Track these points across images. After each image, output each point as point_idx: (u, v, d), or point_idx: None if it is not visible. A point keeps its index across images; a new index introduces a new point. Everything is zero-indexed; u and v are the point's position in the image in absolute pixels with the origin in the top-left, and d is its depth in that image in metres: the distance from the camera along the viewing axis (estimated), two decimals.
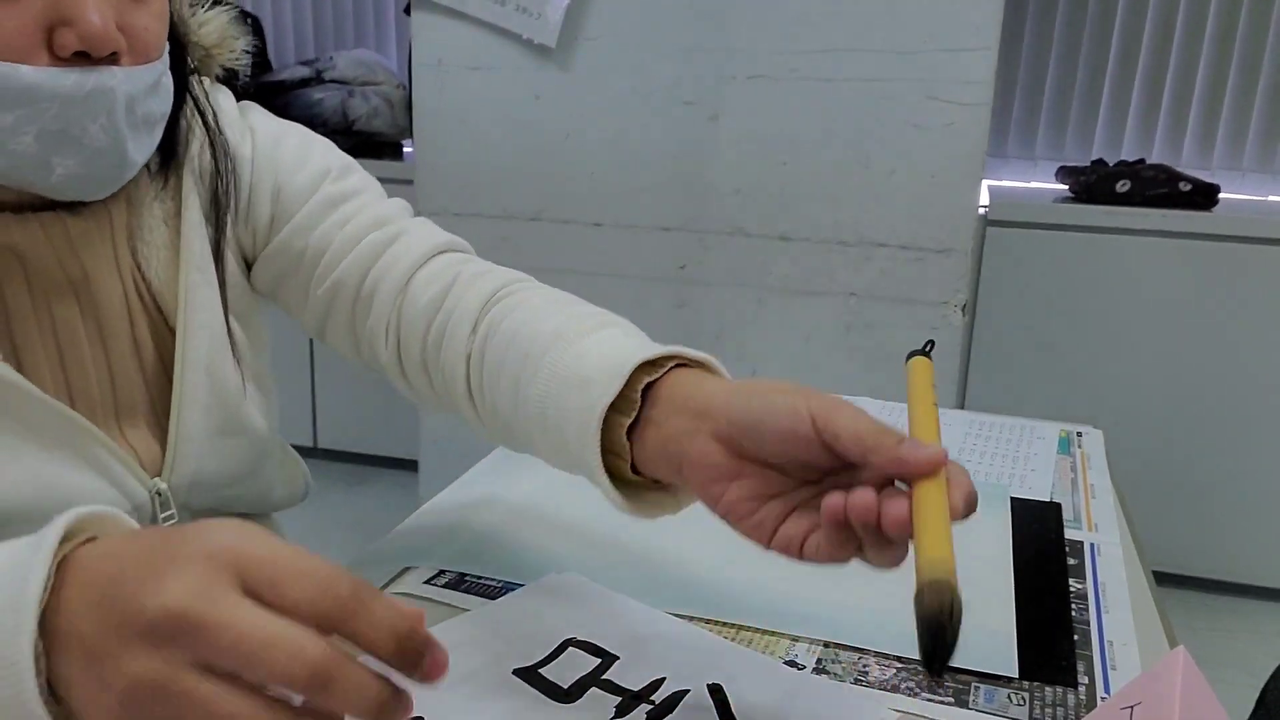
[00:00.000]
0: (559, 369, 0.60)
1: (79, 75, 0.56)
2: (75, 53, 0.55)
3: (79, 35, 0.55)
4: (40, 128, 0.56)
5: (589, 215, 1.95)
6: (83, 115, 0.57)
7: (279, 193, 0.75)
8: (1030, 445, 1.05)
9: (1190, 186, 2.17)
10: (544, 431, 0.61)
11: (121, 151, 0.60)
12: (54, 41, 0.55)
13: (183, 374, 0.68)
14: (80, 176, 0.59)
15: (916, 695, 0.61)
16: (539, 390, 0.60)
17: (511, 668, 0.61)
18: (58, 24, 0.55)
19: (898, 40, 1.73)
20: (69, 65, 0.56)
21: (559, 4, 1.86)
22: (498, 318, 0.67)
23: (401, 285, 0.72)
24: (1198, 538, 2.24)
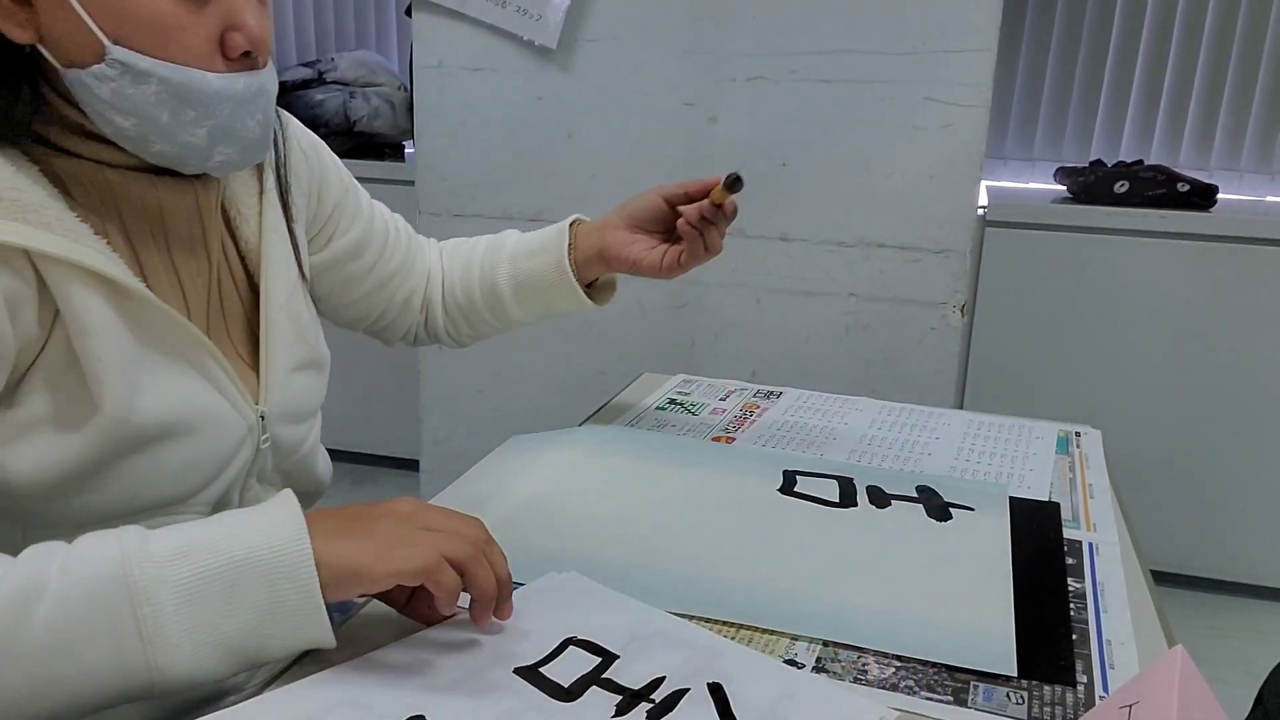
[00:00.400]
0: (514, 254, 1.01)
1: (246, 78, 0.68)
2: (241, 54, 0.67)
3: (247, 38, 0.67)
4: (214, 124, 0.67)
5: (589, 215, 1.96)
6: (246, 113, 0.69)
7: (346, 190, 0.93)
8: (1029, 445, 1.06)
9: (1188, 187, 2.17)
10: (520, 299, 1.01)
11: (267, 140, 0.73)
12: (226, 44, 0.67)
13: (268, 314, 0.79)
14: (233, 162, 0.71)
15: (915, 694, 0.62)
16: (505, 275, 1.01)
17: (512, 666, 0.62)
18: (229, 29, 0.66)
19: (896, 41, 1.73)
20: (237, 67, 0.67)
21: (559, 5, 1.86)
22: (446, 259, 1.06)
23: (425, 259, 1.05)
24: (1196, 537, 2.24)
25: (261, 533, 0.59)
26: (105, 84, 0.64)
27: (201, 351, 0.71)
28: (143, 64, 0.64)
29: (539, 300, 1.01)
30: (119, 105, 0.64)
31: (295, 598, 0.58)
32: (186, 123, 0.66)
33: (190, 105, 0.65)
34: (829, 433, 1.08)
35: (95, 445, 0.65)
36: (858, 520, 0.85)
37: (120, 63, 0.63)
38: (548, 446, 0.99)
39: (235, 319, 0.79)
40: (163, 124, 0.65)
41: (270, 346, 0.78)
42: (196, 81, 0.65)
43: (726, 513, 0.86)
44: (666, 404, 1.16)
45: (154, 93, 0.64)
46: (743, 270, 1.91)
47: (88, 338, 0.64)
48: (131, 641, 0.55)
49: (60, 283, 0.64)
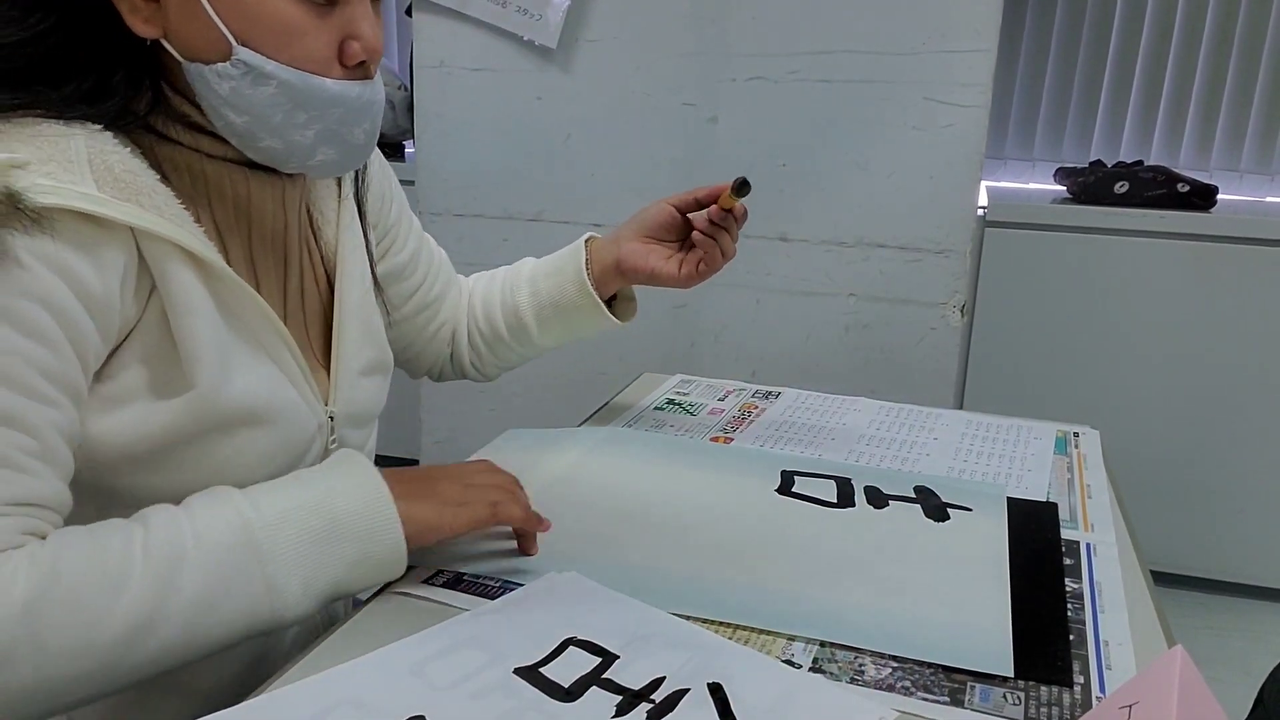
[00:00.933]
0: (533, 277, 1.02)
1: (360, 87, 0.70)
2: (358, 62, 0.69)
3: (364, 48, 0.69)
4: (323, 127, 0.69)
5: (589, 216, 1.96)
6: (355, 120, 0.71)
7: (403, 212, 0.96)
8: (1027, 445, 1.06)
9: (1188, 187, 2.18)
10: (543, 322, 1.02)
11: (370, 149, 0.75)
12: (344, 52, 0.69)
13: (341, 315, 0.80)
14: (332, 164, 0.73)
15: (912, 694, 0.62)
16: (526, 299, 1.02)
17: (512, 667, 0.62)
18: (347, 38, 0.69)
19: (896, 42, 1.73)
20: (351, 75, 0.70)
21: (560, 5, 1.86)
22: (472, 294, 1.07)
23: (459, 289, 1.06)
24: (1195, 537, 2.25)
25: (352, 496, 0.68)
26: (226, 81, 0.66)
27: (280, 343, 0.73)
28: (266, 66, 0.66)
29: (562, 321, 1.01)
30: (235, 102, 0.67)
31: (383, 550, 0.69)
32: (298, 124, 0.68)
33: (304, 108, 0.68)
34: (827, 433, 1.08)
35: (184, 422, 0.67)
36: (855, 521, 0.85)
37: (244, 63, 0.65)
38: (547, 447, 0.99)
39: (312, 317, 0.81)
40: (275, 123, 0.68)
41: (342, 348, 0.80)
42: (314, 86, 0.67)
43: (724, 513, 0.86)
44: (665, 404, 1.16)
45: (271, 94, 0.67)
46: (742, 270, 1.91)
47: (186, 315, 0.67)
48: (260, 595, 0.64)
49: (159, 260, 0.66)
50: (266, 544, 0.64)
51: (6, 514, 0.59)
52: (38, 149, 0.62)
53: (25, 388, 0.59)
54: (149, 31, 0.66)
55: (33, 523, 0.61)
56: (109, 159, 0.64)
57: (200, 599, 0.61)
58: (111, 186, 0.63)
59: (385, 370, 0.86)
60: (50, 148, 0.62)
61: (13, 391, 0.59)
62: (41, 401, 0.60)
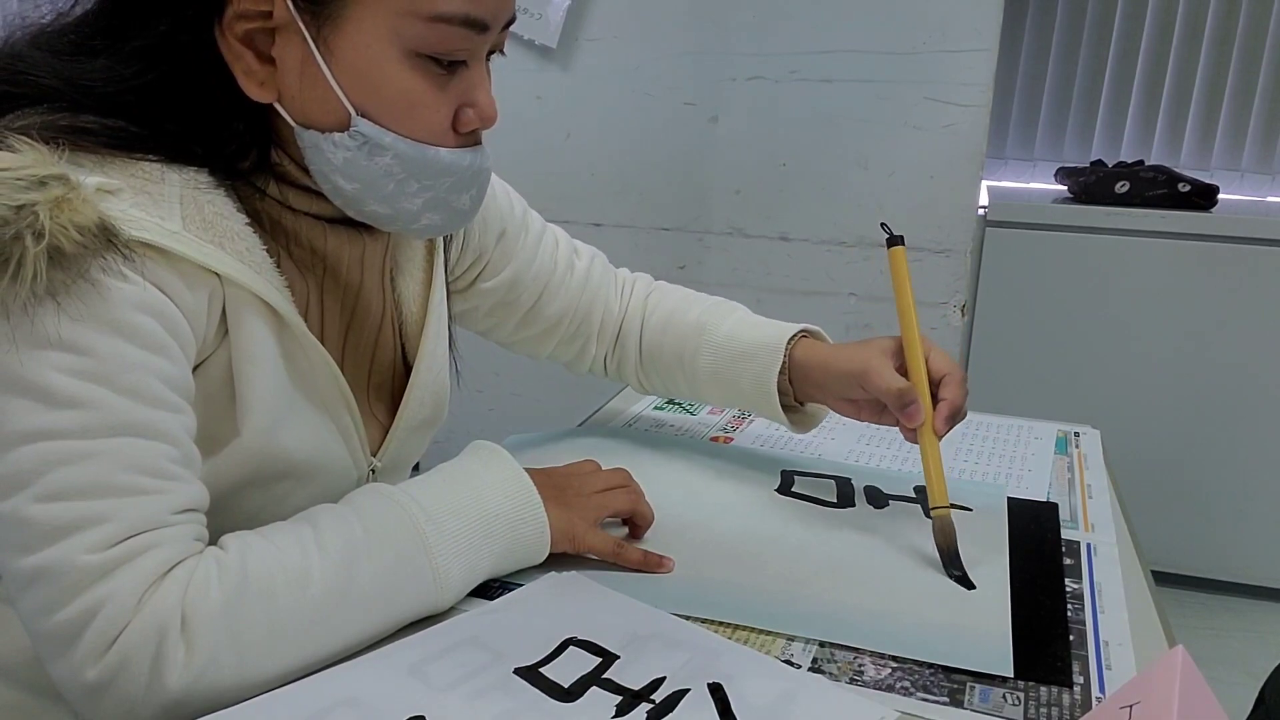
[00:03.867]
0: (720, 346, 0.94)
1: (472, 155, 0.69)
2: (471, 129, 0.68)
3: (479, 115, 0.68)
4: (432, 195, 0.69)
5: (589, 215, 1.96)
6: (464, 187, 0.70)
7: (503, 235, 0.92)
8: (1028, 445, 1.06)
9: (1189, 187, 2.18)
10: (718, 388, 0.96)
11: (474, 213, 0.74)
12: (459, 120, 0.68)
13: (417, 374, 0.81)
14: (436, 228, 0.72)
15: (911, 695, 0.62)
16: (706, 363, 0.95)
17: (512, 667, 0.62)
18: (463, 106, 0.68)
19: (897, 41, 1.73)
20: (464, 143, 0.69)
21: (560, 5, 1.86)
22: (650, 312, 1.00)
23: (605, 302, 1.00)
24: (1195, 537, 2.25)
25: (502, 493, 0.72)
26: (341, 151, 0.65)
27: (339, 399, 0.73)
28: (385, 139, 0.65)
29: (737, 400, 0.96)
30: (347, 171, 0.66)
31: (532, 545, 0.73)
32: (409, 193, 0.68)
33: (416, 178, 0.67)
34: (827, 433, 1.08)
35: (225, 470, 0.67)
36: (855, 521, 0.85)
37: (362, 135, 0.65)
38: (547, 448, 0.99)
39: (379, 367, 0.80)
40: (385, 192, 0.67)
41: (410, 406, 0.80)
42: (430, 157, 0.67)
43: (724, 513, 0.86)
44: (665, 404, 1.16)
45: (386, 165, 0.66)
46: (743, 270, 1.91)
47: (250, 364, 0.67)
48: (429, 585, 0.67)
49: (237, 307, 0.66)
50: (432, 536, 0.67)
51: (176, 523, 0.60)
52: (131, 178, 0.62)
53: (157, 399, 0.60)
54: (264, 96, 0.65)
55: (197, 528, 0.62)
56: (200, 199, 0.64)
57: (377, 589, 0.64)
58: (198, 226, 0.63)
59: (437, 424, 0.86)
60: (144, 180, 0.62)
61: (148, 405, 0.59)
62: (172, 409, 0.61)
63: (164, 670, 0.56)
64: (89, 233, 0.56)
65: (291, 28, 0.63)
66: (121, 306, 0.59)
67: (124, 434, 0.58)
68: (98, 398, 0.57)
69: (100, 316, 0.58)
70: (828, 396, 0.91)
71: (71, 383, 0.57)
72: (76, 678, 0.57)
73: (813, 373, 0.90)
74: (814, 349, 0.91)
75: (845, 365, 0.87)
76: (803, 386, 0.92)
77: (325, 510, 0.68)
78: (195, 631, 0.57)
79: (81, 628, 0.56)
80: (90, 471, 0.57)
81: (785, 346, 0.91)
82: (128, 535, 0.58)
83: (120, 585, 0.57)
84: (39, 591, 0.57)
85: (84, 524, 0.56)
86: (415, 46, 0.63)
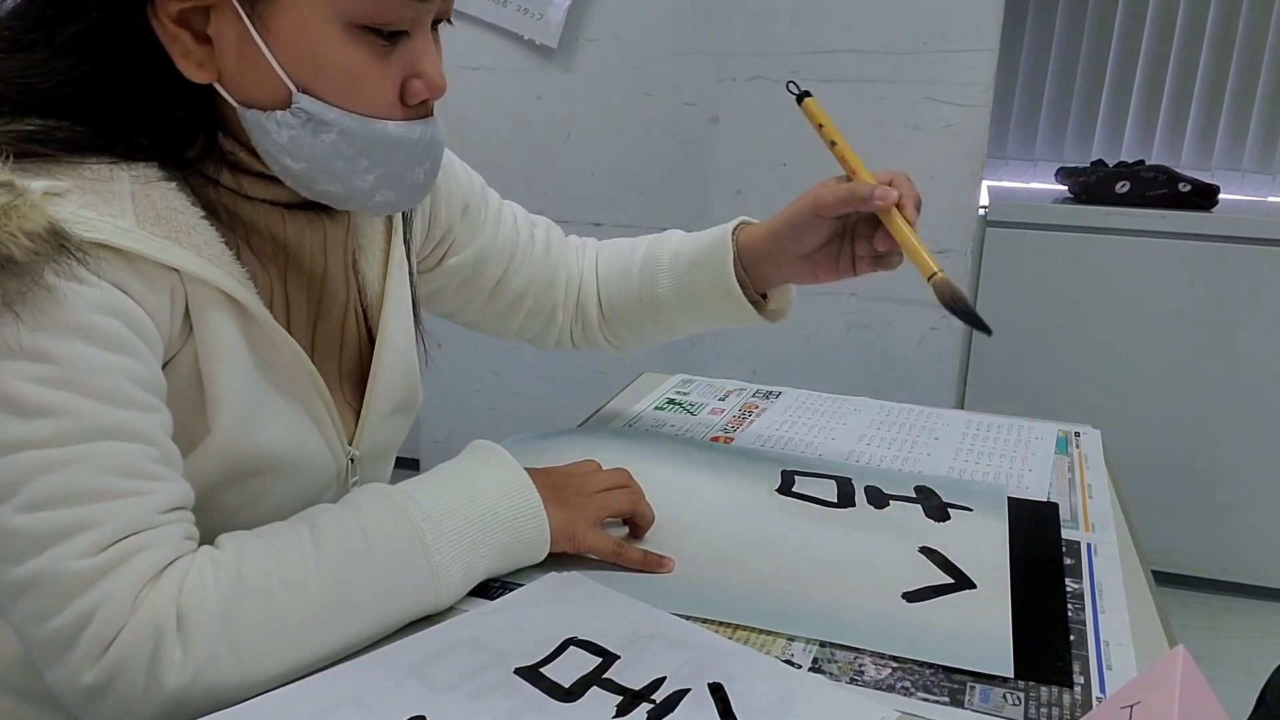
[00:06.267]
0: (672, 265, 0.94)
1: (423, 128, 0.68)
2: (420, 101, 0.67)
3: (426, 86, 0.66)
4: (384, 171, 0.67)
5: (589, 215, 1.96)
6: (416, 161, 0.69)
7: (466, 209, 0.91)
8: (1028, 445, 1.06)
9: (1190, 187, 2.18)
10: (683, 308, 0.95)
11: (429, 187, 0.72)
12: (406, 91, 0.66)
13: (380, 360, 0.79)
14: (391, 204, 0.70)
15: (912, 695, 0.62)
16: (665, 287, 0.94)
17: (513, 667, 0.62)
18: (409, 77, 0.66)
19: (898, 41, 1.73)
20: (413, 115, 0.67)
21: (560, 5, 1.86)
22: (601, 267, 1.00)
23: (565, 269, 0.99)
24: (1196, 537, 2.24)
25: (502, 492, 0.72)
26: (285, 130, 0.64)
27: (310, 388, 0.72)
28: (328, 115, 0.64)
29: (706, 315, 0.96)
30: (294, 150, 0.65)
31: (532, 544, 0.73)
32: (359, 170, 0.66)
33: (365, 154, 0.66)
34: (827, 433, 1.08)
35: (199, 469, 0.66)
36: (856, 521, 0.85)
37: (305, 111, 0.63)
38: (547, 448, 0.99)
39: (348, 352, 0.79)
40: (335, 170, 0.66)
41: (378, 389, 0.79)
42: (377, 132, 0.65)
43: (724, 513, 0.86)
44: (665, 404, 1.16)
45: (332, 141, 0.64)
46: None
47: (216, 360, 0.66)
48: (428, 584, 0.67)
49: (200, 303, 0.65)
50: (430, 535, 0.67)
51: (165, 523, 0.60)
52: (80, 178, 0.61)
53: (129, 400, 0.59)
54: (202, 77, 0.64)
55: (186, 527, 0.62)
56: (151, 194, 0.63)
57: (376, 589, 0.64)
58: (152, 223, 0.62)
59: (413, 409, 0.85)
60: (92, 179, 0.61)
61: (121, 407, 0.59)
62: (145, 409, 0.60)
63: (161, 670, 0.56)
64: (39, 238, 0.55)
65: (226, 5, 0.62)
66: (81, 310, 0.58)
67: (100, 438, 0.58)
68: (69, 404, 0.57)
69: (60, 322, 0.57)
70: (783, 264, 0.89)
71: (40, 391, 0.57)
72: (74, 682, 0.56)
73: (761, 244, 0.89)
74: (755, 227, 0.92)
75: (790, 213, 0.87)
76: (758, 268, 0.90)
77: (323, 510, 0.67)
78: (192, 631, 0.57)
79: (77, 633, 0.56)
80: (71, 478, 0.57)
81: (731, 235, 0.91)
82: (117, 538, 0.57)
83: (114, 588, 0.56)
84: (31, 600, 0.56)
85: (71, 531, 0.56)
86: (354, 18, 0.62)
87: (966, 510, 0.88)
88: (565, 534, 0.74)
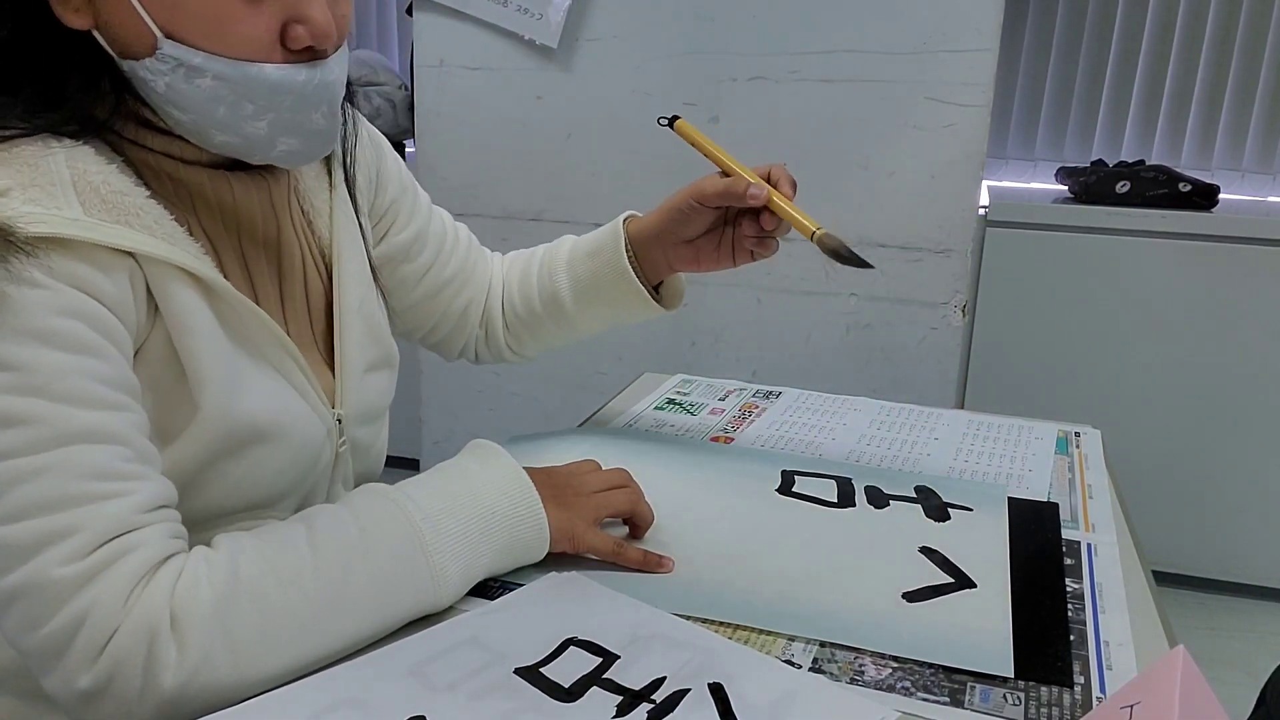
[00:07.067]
0: (569, 261, 0.97)
1: (309, 70, 0.65)
2: (304, 47, 0.64)
3: (310, 32, 0.64)
4: (275, 116, 0.65)
5: (589, 215, 1.96)
6: (310, 105, 0.67)
7: (404, 189, 0.93)
8: (1028, 445, 1.06)
9: (1190, 187, 2.18)
10: (584, 302, 0.97)
11: (333, 132, 0.71)
12: (287, 36, 0.64)
13: (341, 314, 0.79)
14: (298, 153, 0.69)
15: (912, 695, 0.62)
16: (564, 283, 0.97)
17: (513, 667, 0.62)
18: (290, 21, 0.64)
19: (897, 41, 1.73)
20: (297, 59, 0.65)
21: (560, 5, 1.86)
22: (507, 277, 1.03)
23: (484, 269, 1.02)
24: (1196, 537, 2.24)
25: (501, 491, 0.72)
26: (159, 77, 0.62)
27: (284, 354, 0.72)
28: (195, 59, 0.62)
29: (604, 306, 0.98)
30: (174, 100, 0.63)
31: (531, 544, 0.73)
32: (245, 116, 0.64)
33: (248, 99, 0.64)
34: (827, 433, 1.08)
35: (193, 449, 0.66)
36: (856, 521, 0.85)
37: (172, 57, 0.62)
38: (547, 448, 0.99)
39: (316, 314, 0.79)
40: (219, 117, 0.64)
41: (345, 348, 0.79)
42: (253, 75, 0.63)
43: (724, 513, 0.86)
44: (665, 404, 1.16)
45: (209, 86, 0.63)
46: (743, 270, 1.90)
47: (190, 336, 0.65)
48: (426, 584, 0.67)
49: (161, 283, 0.64)
50: (429, 535, 0.67)
51: (148, 523, 0.60)
52: (17, 173, 0.60)
53: (97, 401, 0.59)
54: (78, 22, 0.62)
55: (172, 525, 0.62)
56: (93, 178, 0.62)
57: (374, 588, 0.64)
58: (99, 208, 0.61)
59: (391, 365, 0.85)
60: (31, 171, 0.60)
61: (89, 409, 0.58)
62: (115, 409, 0.60)
63: (157, 671, 0.56)
64: None
65: None
66: (38, 314, 0.57)
67: (71, 442, 0.57)
68: (36, 411, 0.56)
69: (19, 329, 0.57)
70: (668, 250, 0.93)
71: (7, 400, 0.56)
72: (70, 687, 0.56)
73: (648, 230, 0.93)
74: (643, 217, 0.95)
75: (673, 202, 0.91)
76: (648, 254, 0.94)
77: (321, 510, 0.67)
78: (186, 631, 0.57)
79: (69, 639, 0.56)
80: (46, 486, 0.56)
81: (621, 225, 0.95)
82: (100, 542, 0.57)
83: (103, 592, 0.56)
84: (20, 610, 0.56)
85: (52, 538, 0.56)
86: None
87: (966, 510, 0.88)
88: (565, 534, 0.74)
